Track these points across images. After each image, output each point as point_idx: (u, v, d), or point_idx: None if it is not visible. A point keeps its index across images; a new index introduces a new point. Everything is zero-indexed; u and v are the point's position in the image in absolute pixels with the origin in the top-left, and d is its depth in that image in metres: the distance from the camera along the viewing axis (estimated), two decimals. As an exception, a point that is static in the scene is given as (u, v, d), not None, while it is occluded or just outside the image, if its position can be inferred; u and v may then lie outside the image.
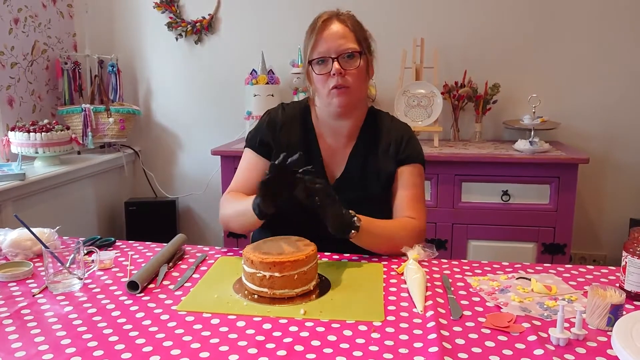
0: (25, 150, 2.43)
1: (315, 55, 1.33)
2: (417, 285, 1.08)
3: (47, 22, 2.82)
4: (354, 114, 1.42)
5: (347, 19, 1.36)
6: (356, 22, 1.38)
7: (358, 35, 1.35)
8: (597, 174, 2.78)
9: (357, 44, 1.34)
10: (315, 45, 1.33)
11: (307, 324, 0.96)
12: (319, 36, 1.33)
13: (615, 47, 2.70)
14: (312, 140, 1.44)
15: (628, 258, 1.06)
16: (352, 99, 1.36)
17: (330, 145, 1.44)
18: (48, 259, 1.12)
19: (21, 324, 0.96)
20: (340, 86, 1.32)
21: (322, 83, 1.34)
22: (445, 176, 2.40)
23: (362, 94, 1.40)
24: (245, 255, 1.10)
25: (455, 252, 2.45)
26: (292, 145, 1.41)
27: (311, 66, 1.35)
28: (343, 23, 1.34)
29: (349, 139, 1.44)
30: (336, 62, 1.31)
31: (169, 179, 3.27)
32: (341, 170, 1.43)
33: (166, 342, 0.89)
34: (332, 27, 1.33)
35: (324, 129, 1.45)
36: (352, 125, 1.44)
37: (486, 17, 2.79)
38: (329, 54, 1.32)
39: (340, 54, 1.31)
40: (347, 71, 1.32)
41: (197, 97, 3.15)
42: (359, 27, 1.38)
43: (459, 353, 0.86)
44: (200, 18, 3.03)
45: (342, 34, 1.33)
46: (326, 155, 1.43)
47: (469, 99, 2.77)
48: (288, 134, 1.43)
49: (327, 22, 1.34)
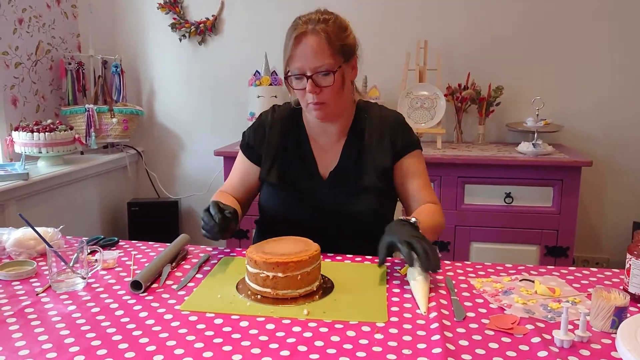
0: (28, 150, 2.44)
1: (291, 71, 1.32)
2: (420, 286, 1.08)
3: (51, 22, 2.83)
4: (337, 118, 1.43)
5: (323, 30, 1.29)
6: (333, 29, 1.30)
7: (335, 45, 1.29)
8: (600, 177, 2.78)
9: (332, 58, 1.29)
10: (291, 61, 1.32)
11: (311, 324, 0.96)
12: (293, 52, 1.30)
13: (619, 51, 2.69)
14: (302, 139, 1.46)
15: (632, 261, 1.05)
16: (329, 112, 1.36)
17: (321, 143, 1.46)
18: (52, 258, 1.12)
19: (25, 323, 0.96)
20: (316, 103, 1.32)
21: (301, 96, 1.35)
22: (448, 178, 2.40)
23: (342, 104, 1.39)
24: (249, 255, 1.10)
25: (457, 255, 2.44)
26: (283, 145, 1.45)
27: (288, 79, 1.34)
28: (318, 36, 1.28)
29: (340, 136, 1.45)
30: (310, 80, 1.30)
31: (171, 180, 3.28)
32: (335, 164, 1.43)
33: (169, 341, 0.89)
34: (307, 42, 1.29)
35: (313, 129, 1.46)
36: (341, 125, 1.45)
37: (489, 20, 2.79)
38: (304, 71, 1.30)
39: (314, 72, 1.29)
40: (322, 88, 1.31)
41: (200, 98, 3.15)
42: (336, 35, 1.30)
43: (463, 354, 0.86)
44: (204, 19, 3.04)
45: (317, 50, 1.28)
46: (318, 153, 1.45)
47: (472, 101, 2.77)
48: (278, 135, 1.46)
49: (301, 36, 1.29)
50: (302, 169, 1.44)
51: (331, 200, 1.41)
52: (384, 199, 1.44)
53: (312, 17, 1.32)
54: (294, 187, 1.43)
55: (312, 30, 1.29)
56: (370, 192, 1.41)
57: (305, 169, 1.44)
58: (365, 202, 1.39)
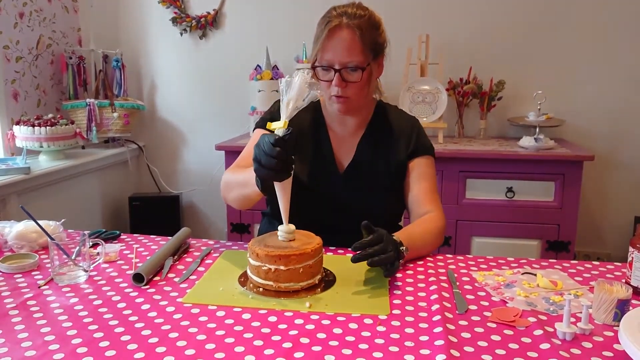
0: (30, 144, 2.43)
1: (320, 61, 1.32)
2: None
3: (52, 16, 2.82)
4: (357, 112, 1.42)
5: (357, 25, 1.27)
6: (368, 25, 1.29)
7: (367, 42, 1.28)
8: (602, 172, 2.77)
9: (362, 55, 1.28)
10: (321, 51, 1.30)
11: (313, 316, 0.96)
12: (325, 43, 1.29)
13: (621, 45, 2.68)
14: (321, 128, 1.45)
15: (635, 254, 1.05)
16: (351, 107, 1.35)
17: (339, 134, 1.45)
18: (54, 250, 1.12)
19: (27, 315, 0.96)
20: (340, 96, 1.32)
21: (325, 87, 1.34)
22: (450, 173, 2.40)
23: (364, 100, 1.38)
24: (251, 248, 1.10)
25: (459, 249, 2.44)
26: (302, 131, 1.41)
27: (316, 69, 1.33)
28: (352, 30, 1.27)
29: (357, 129, 1.45)
30: (338, 74, 1.29)
31: (172, 174, 3.28)
32: (350, 159, 1.43)
33: (172, 333, 0.89)
34: (340, 36, 1.27)
35: (332, 119, 1.46)
36: (360, 119, 1.44)
37: (491, 14, 2.78)
38: (332, 64, 1.29)
39: (343, 66, 1.29)
40: (348, 83, 1.30)
41: (202, 93, 3.15)
42: (369, 32, 1.29)
43: (465, 346, 0.86)
44: (205, 13, 3.03)
45: (348, 45, 1.27)
46: (335, 144, 1.44)
47: (473, 95, 2.76)
48: (298, 121, 1.43)
49: (335, 29, 1.27)
50: (319, 159, 1.42)
51: (346, 194, 1.40)
52: (395, 197, 1.44)
53: (348, 10, 1.30)
54: (309, 179, 1.40)
55: (346, 24, 1.27)
56: (382, 190, 1.40)
57: (323, 159, 1.42)
58: (376, 200, 1.38)
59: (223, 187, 1.39)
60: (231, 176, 1.36)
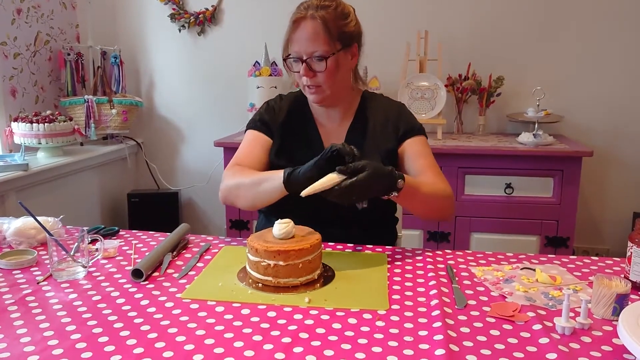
0: (28, 141, 2.43)
1: (289, 53, 1.37)
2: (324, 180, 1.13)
3: (49, 12, 2.81)
4: (338, 102, 1.44)
5: (320, 16, 1.31)
6: (332, 15, 1.32)
7: (332, 32, 1.31)
8: (601, 168, 2.78)
9: (327, 45, 1.31)
10: (289, 44, 1.36)
11: (312, 312, 0.96)
12: (291, 35, 1.35)
13: (620, 41, 2.68)
14: (309, 123, 1.47)
15: (634, 249, 1.05)
16: (325, 95, 1.38)
17: (327, 126, 1.47)
18: (52, 247, 1.12)
19: (26, 311, 0.96)
20: (311, 86, 1.36)
21: (298, 79, 1.39)
22: (449, 169, 2.40)
23: (338, 88, 1.39)
24: (250, 243, 1.09)
25: (458, 245, 2.45)
26: (291, 128, 1.46)
27: (287, 62, 1.38)
28: (314, 21, 1.31)
29: (343, 120, 1.47)
30: (305, 64, 1.33)
31: (171, 171, 3.27)
32: None
33: (171, 328, 0.89)
34: (304, 27, 1.32)
35: (318, 112, 1.48)
36: (343, 109, 1.46)
37: (490, 10, 2.77)
38: (299, 55, 1.34)
39: (309, 56, 1.32)
40: (316, 72, 1.34)
41: (200, 89, 3.14)
42: (334, 22, 1.32)
43: (464, 341, 0.86)
44: (203, 9, 3.02)
45: (313, 36, 1.31)
46: (324, 136, 1.46)
47: (472, 91, 2.76)
48: (286, 118, 1.48)
49: (299, 20, 1.33)
50: (310, 153, 1.42)
51: None
52: None
53: (313, 2, 1.35)
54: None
55: (310, 15, 1.32)
56: None
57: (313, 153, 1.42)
58: None
59: (227, 187, 1.37)
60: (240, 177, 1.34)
